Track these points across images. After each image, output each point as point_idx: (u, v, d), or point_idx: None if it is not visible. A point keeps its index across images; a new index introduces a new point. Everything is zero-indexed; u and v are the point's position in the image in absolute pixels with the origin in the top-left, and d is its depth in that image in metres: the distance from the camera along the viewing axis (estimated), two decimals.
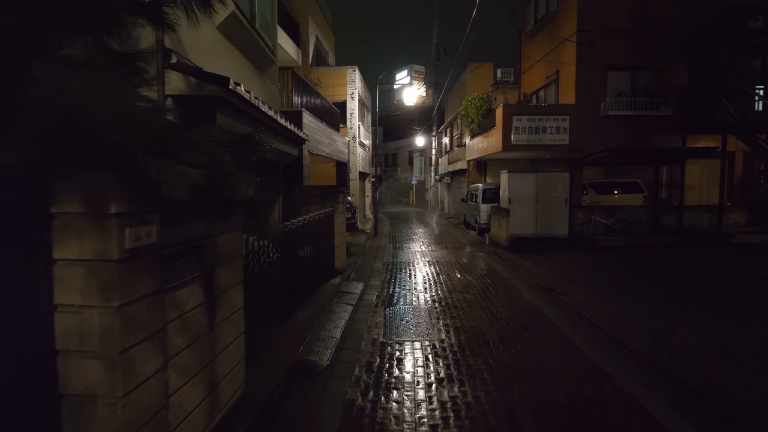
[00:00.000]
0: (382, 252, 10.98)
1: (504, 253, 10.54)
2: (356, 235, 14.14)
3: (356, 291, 6.76)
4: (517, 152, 13.45)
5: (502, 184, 12.23)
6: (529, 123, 12.71)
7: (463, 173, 20.03)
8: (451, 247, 11.91)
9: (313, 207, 7.71)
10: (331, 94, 15.43)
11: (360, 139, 16.40)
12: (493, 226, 12.44)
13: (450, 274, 8.12)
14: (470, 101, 15.87)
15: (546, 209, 11.63)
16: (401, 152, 43.04)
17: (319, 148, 10.69)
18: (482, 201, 14.06)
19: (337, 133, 13.27)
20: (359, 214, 18.31)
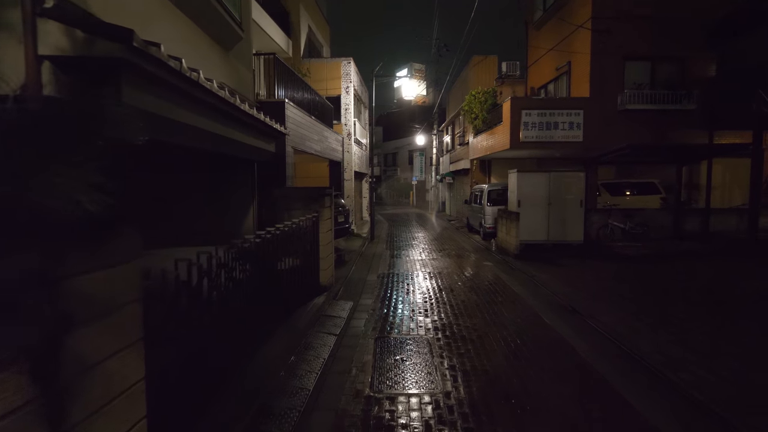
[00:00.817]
0: (378, 260, 9.86)
1: (514, 262, 9.43)
2: (351, 241, 13.03)
3: (343, 314, 5.65)
4: (525, 150, 12.34)
5: (511, 184, 11.11)
6: (539, 118, 11.60)
7: (465, 173, 18.92)
8: (454, 254, 10.79)
9: (296, 212, 6.62)
10: (324, 88, 14.33)
11: (356, 137, 15.33)
12: (500, 231, 11.32)
13: (454, 290, 7.01)
14: (474, 96, 14.77)
15: (559, 213, 10.52)
16: (401, 152, 41.95)
17: (308, 144, 9.58)
18: (487, 203, 12.94)
19: (329, 130, 12.17)
20: (356, 217, 17.21)
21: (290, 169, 8.10)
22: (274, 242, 4.67)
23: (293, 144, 8.41)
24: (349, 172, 14.73)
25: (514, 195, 10.77)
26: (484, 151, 14.68)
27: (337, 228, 10.68)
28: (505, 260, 9.74)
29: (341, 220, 10.95)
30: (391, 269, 8.84)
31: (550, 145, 11.74)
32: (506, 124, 11.96)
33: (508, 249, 10.43)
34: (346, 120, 14.64)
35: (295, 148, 8.58)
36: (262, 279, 4.26)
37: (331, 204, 7.09)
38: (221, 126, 4.65)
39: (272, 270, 4.69)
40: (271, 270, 4.66)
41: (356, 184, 16.78)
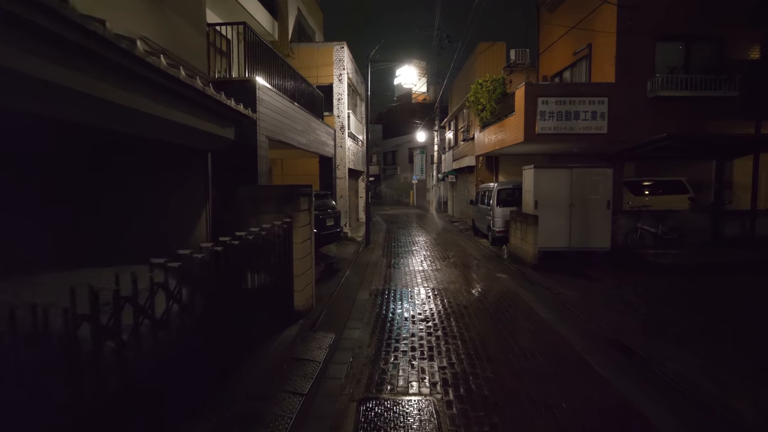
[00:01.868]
0: (372, 272, 8.40)
1: (532, 274, 7.97)
2: (343, 246, 11.58)
3: (318, 355, 4.20)
4: (542, 144, 10.88)
5: (526, 183, 9.65)
6: (557, 107, 10.13)
7: (470, 171, 17.46)
8: (461, 264, 9.32)
9: (266, 216, 5.20)
10: (314, 76, 12.88)
11: (350, 130, 13.89)
12: (513, 236, 9.86)
13: (465, 316, 5.55)
14: (481, 84, 13.31)
15: (583, 215, 9.06)
16: (401, 149, 40.50)
17: (289, 135, 8.12)
18: (497, 204, 11.48)
19: (318, 121, 10.72)
20: (351, 218, 15.76)
21: (263, 163, 6.65)
22: (244, 250, 3.27)
23: (269, 133, 6.96)
24: (342, 169, 13.27)
25: (530, 195, 9.31)
26: (492, 146, 13.22)
27: (326, 233, 9.25)
28: (521, 271, 8.28)
29: (330, 224, 9.51)
30: (386, 284, 7.38)
31: (570, 138, 10.27)
32: (519, 115, 10.50)
33: (524, 257, 8.97)
34: (339, 111, 13.18)
35: (271, 138, 7.12)
36: (203, 318, 2.84)
37: (309, 206, 5.64)
38: (145, 100, 3.23)
39: (222, 300, 3.26)
40: (221, 300, 3.23)
41: (351, 182, 15.33)
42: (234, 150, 6.03)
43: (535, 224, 8.46)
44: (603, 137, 10.23)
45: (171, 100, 3.95)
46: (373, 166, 47.37)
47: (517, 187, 11.59)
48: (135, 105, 3.30)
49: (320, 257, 9.76)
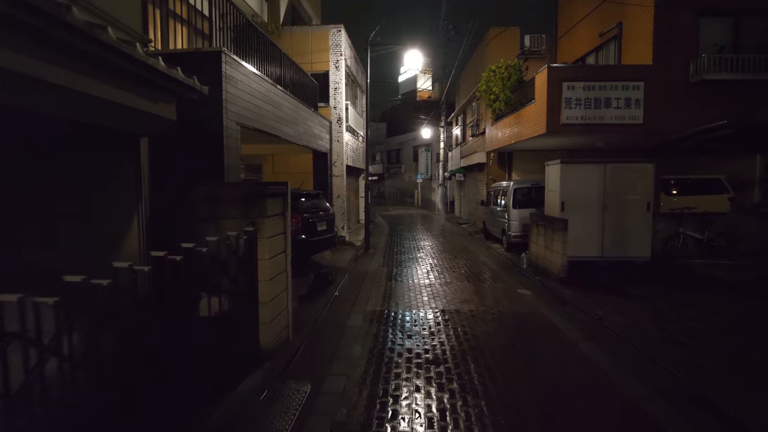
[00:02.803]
0: (370, 286, 7.09)
1: (561, 290, 6.63)
2: (340, 253, 10.28)
3: (284, 425, 2.89)
4: (566, 137, 9.52)
5: (550, 181, 8.30)
6: (585, 93, 8.76)
7: (480, 168, 16.10)
8: (473, 275, 7.98)
9: (229, 222, 3.94)
10: (308, 62, 11.58)
11: (349, 123, 12.59)
12: (534, 242, 8.50)
13: (488, 355, 4.21)
14: (494, 71, 11.94)
15: (618, 219, 7.70)
16: (405, 147, 39.19)
17: (271, 124, 6.84)
18: (513, 205, 10.13)
19: (310, 111, 9.43)
20: (351, 220, 14.47)
21: (233, 155, 5.36)
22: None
23: (242, 119, 5.67)
24: (339, 166, 11.97)
25: (555, 195, 7.95)
26: (506, 140, 11.86)
27: (316, 239, 7.95)
28: (546, 286, 6.93)
29: (322, 229, 8.21)
30: (386, 303, 6.06)
31: (599, 130, 8.89)
32: (541, 103, 9.14)
33: (548, 268, 7.61)
34: (336, 102, 11.88)
35: (245, 125, 5.83)
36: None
37: (283, 211, 4.34)
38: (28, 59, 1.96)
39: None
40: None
41: (350, 181, 14.03)
42: (189, 137, 4.75)
43: (563, 230, 7.09)
44: (637, 128, 8.85)
45: (106, 74, 2.69)
46: (376, 165, 46.12)
47: (536, 186, 10.25)
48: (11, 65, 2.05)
49: (311, 267, 8.47)
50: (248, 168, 12.27)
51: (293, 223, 7.31)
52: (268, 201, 3.94)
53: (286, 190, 4.37)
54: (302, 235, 7.55)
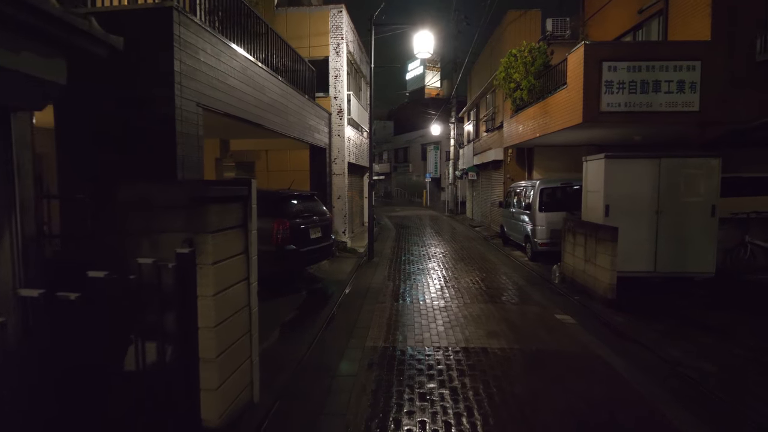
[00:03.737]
0: (371, 308, 5.77)
1: (612, 317, 5.26)
2: (339, 262, 8.99)
3: None
4: (604, 128, 8.12)
5: (591, 180, 6.93)
6: (629, 75, 7.36)
7: (496, 166, 14.72)
8: (498, 295, 6.63)
9: (169, 237, 2.63)
10: (305, 46, 10.32)
11: (351, 116, 11.32)
12: (569, 253, 7.12)
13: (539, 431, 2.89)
14: (515, 55, 10.55)
15: (675, 226, 6.31)
16: (413, 145, 37.86)
17: (250, 110, 5.57)
18: (539, 208, 8.77)
19: (304, 98, 8.17)
20: (354, 223, 13.19)
21: (191, 147, 4.09)
22: None
23: (206, 100, 4.41)
24: (340, 163, 10.69)
25: (598, 197, 6.58)
26: (528, 134, 10.47)
27: (309, 249, 6.70)
28: (591, 311, 5.57)
29: (317, 236, 6.93)
30: (390, 336, 4.74)
31: (646, 119, 7.48)
32: (575, 87, 7.75)
33: (591, 287, 6.24)
34: (337, 91, 10.59)
35: (212, 108, 4.56)
36: None
37: (241, 221, 3.04)
38: None
39: None
40: None
41: (353, 180, 12.74)
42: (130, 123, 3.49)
43: (612, 241, 5.70)
44: (692, 117, 7.42)
45: None
46: (384, 163, 44.82)
47: (566, 186, 8.88)
48: None
49: (304, 280, 7.20)
50: (239, 166, 11.05)
51: (280, 231, 6.05)
52: (213, 209, 2.64)
53: (248, 192, 3.07)
54: (291, 245, 6.28)
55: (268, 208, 6.38)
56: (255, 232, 3.18)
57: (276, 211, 6.31)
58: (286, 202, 6.54)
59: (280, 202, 6.44)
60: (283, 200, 6.51)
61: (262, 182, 10.85)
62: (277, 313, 5.48)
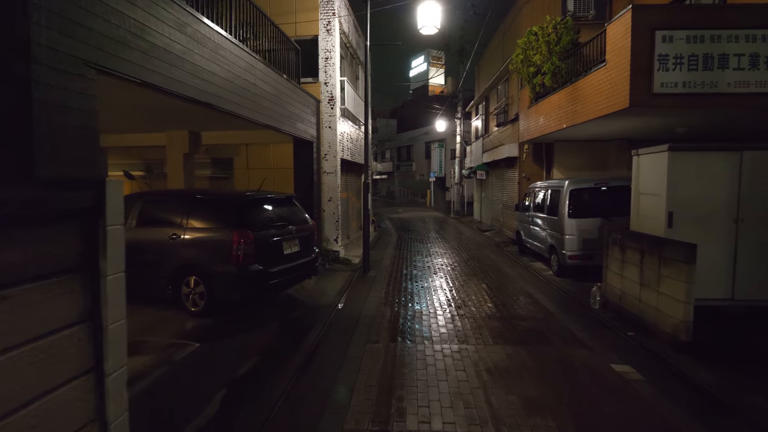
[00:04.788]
0: (359, 353, 4.26)
1: (696, 371, 3.75)
2: (327, 278, 7.52)
3: None
4: (652, 116, 6.60)
5: (645, 180, 5.42)
6: (689, 47, 5.83)
7: (509, 164, 13.20)
8: (527, 329, 5.12)
9: None
10: (291, 23, 8.85)
11: (345, 106, 9.85)
12: (616, 273, 5.58)
13: None
14: (535, 35, 9.04)
15: (760, 239, 4.78)
16: (417, 143, 36.37)
17: (188, 81, 4.09)
18: (569, 213, 7.26)
19: (284, 80, 6.71)
20: (350, 227, 11.72)
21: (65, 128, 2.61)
22: None
23: (105, 59, 2.93)
24: (331, 160, 9.21)
25: (657, 201, 5.06)
26: (552, 125, 8.95)
27: (281, 269, 5.25)
28: (662, 361, 4.06)
29: (293, 251, 5.46)
30: (382, 411, 3.25)
31: (710, 103, 5.94)
32: (618, 64, 6.22)
33: (652, 321, 4.72)
34: (328, 76, 9.11)
35: (119, 72, 3.09)
36: None
37: (78, 264, 1.53)
38: None
39: None
40: None
41: (348, 179, 11.25)
42: None
43: (686, 261, 4.18)
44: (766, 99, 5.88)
45: None
46: (386, 162, 43.37)
47: (602, 186, 7.38)
48: None
49: (277, 307, 5.72)
50: (215, 163, 9.60)
51: (241, 246, 4.59)
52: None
53: (96, 201, 1.58)
54: (256, 264, 4.81)
55: (227, 216, 4.92)
56: (118, 277, 1.70)
57: (237, 219, 4.85)
58: (251, 207, 5.07)
59: (243, 208, 4.98)
60: (247, 205, 5.04)
61: (242, 181, 9.40)
62: (230, 359, 4.02)
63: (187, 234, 5.01)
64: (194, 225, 5.05)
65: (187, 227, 5.05)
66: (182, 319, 4.98)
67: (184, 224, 5.09)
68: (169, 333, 4.56)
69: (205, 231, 4.96)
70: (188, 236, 5.00)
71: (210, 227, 4.95)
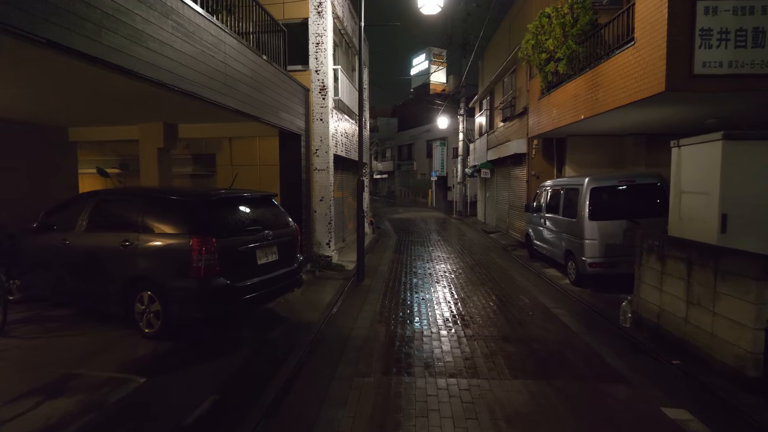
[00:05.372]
0: (344, 392, 3.41)
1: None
2: (315, 288, 6.68)
3: None
4: (688, 104, 5.72)
5: (690, 176, 4.56)
6: (736, 20, 4.97)
7: (517, 161, 12.33)
8: (549, 357, 4.27)
9: None
10: (278, 2, 7.99)
11: (339, 97, 9.00)
12: (653, 286, 4.71)
13: None
14: (548, 16, 8.17)
15: None
16: (418, 142, 35.50)
17: (125, 46, 3.25)
18: (590, 215, 6.41)
19: (263, 61, 5.86)
20: (346, 230, 10.86)
21: None
22: None
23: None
24: (323, 156, 8.36)
25: (707, 201, 4.20)
26: (567, 116, 8.08)
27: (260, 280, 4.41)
28: (726, 404, 3.19)
29: (270, 261, 4.62)
30: None
31: (761, 85, 5.07)
32: (651, 42, 5.35)
33: (704, 348, 3.85)
34: (319, 63, 8.26)
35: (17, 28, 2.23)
36: None
37: None
38: None
39: None
40: None
41: (343, 177, 10.40)
42: None
43: (756, 277, 3.31)
44: None
45: None
46: (387, 161, 42.51)
47: (627, 184, 6.53)
48: None
49: (252, 324, 4.87)
50: (196, 159, 8.77)
51: (202, 256, 3.75)
52: None
53: None
54: (222, 278, 3.97)
55: (186, 219, 4.09)
56: None
57: (198, 223, 4.01)
58: (217, 209, 4.23)
59: (206, 210, 4.13)
60: (212, 206, 4.20)
61: (226, 179, 8.56)
62: (180, 400, 3.18)
63: (142, 241, 4.17)
64: (150, 230, 4.21)
65: (142, 232, 4.22)
66: (134, 342, 4.14)
67: (138, 229, 4.26)
68: (113, 363, 3.72)
69: (161, 237, 4.12)
70: (142, 243, 4.16)
71: (167, 233, 4.11)
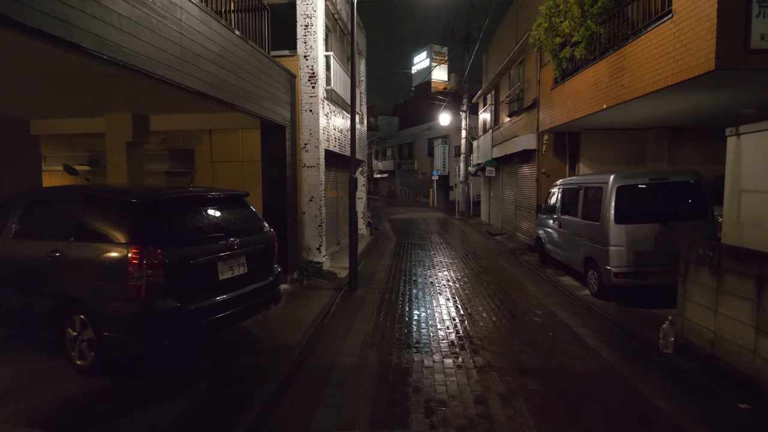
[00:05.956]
0: None
1: None
2: (300, 301, 5.85)
3: None
4: (732, 87, 4.88)
5: (750, 173, 3.70)
6: None
7: (525, 158, 11.48)
8: (580, 398, 3.42)
9: None
10: None
11: (331, 87, 8.17)
12: (704, 306, 3.86)
13: None
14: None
15: None
16: (419, 140, 34.65)
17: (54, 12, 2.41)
18: (616, 217, 5.56)
19: (239, 39, 5.04)
20: (339, 232, 10.03)
21: None
22: None
23: None
24: (312, 151, 7.53)
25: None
26: (585, 107, 7.23)
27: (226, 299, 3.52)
28: None
29: (236, 275, 3.76)
30: None
31: None
32: (693, 13, 4.50)
33: None
34: (308, 48, 7.43)
35: None
36: None
37: None
38: None
39: None
40: None
41: (337, 175, 9.55)
42: None
43: None
44: None
45: None
46: (387, 160, 41.70)
47: (659, 182, 5.69)
48: None
49: (217, 350, 4.03)
50: (173, 155, 7.94)
51: (143, 272, 2.92)
52: None
53: None
54: (169, 299, 3.13)
55: (125, 224, 3.25)
56: None
57: (139, 229, 3.17)
58: (165, 211, 3.39)
59: (150, 213, 3.29)
60: (158, 208, 3.36)
61: (206, 177, 7.74)
62: None
63: (72, 251, 3.35)
64: (83, 238, 3.38)
65: (73, 241, 3.39)
66: (61, 378, 3.31)
67: (71, 236, 3.43)
68: (24, 409, 2.89)
69: (94, 247, 3.28)
70: (72, 254, 3.33)
71: (101, 242, 3.28)
